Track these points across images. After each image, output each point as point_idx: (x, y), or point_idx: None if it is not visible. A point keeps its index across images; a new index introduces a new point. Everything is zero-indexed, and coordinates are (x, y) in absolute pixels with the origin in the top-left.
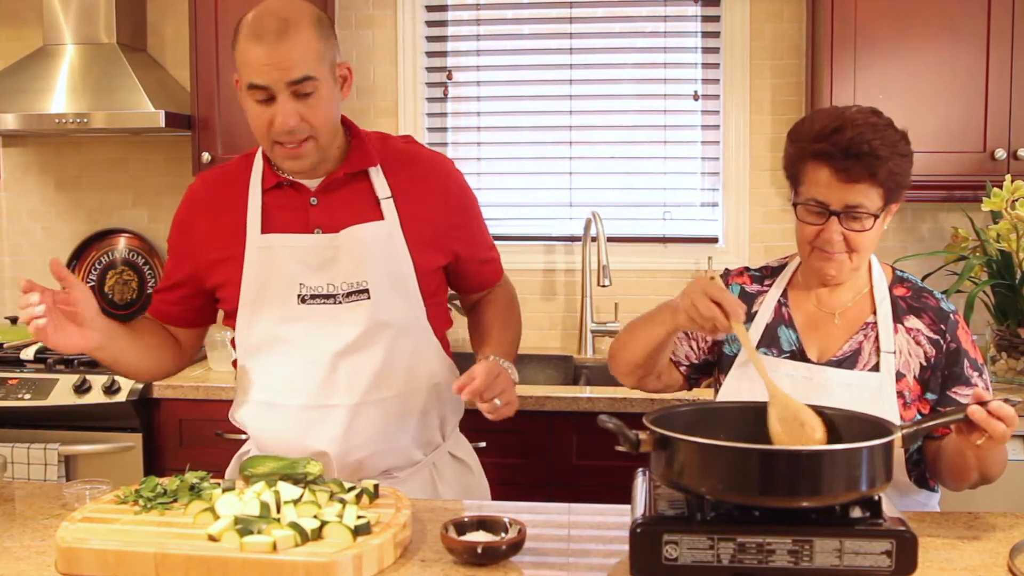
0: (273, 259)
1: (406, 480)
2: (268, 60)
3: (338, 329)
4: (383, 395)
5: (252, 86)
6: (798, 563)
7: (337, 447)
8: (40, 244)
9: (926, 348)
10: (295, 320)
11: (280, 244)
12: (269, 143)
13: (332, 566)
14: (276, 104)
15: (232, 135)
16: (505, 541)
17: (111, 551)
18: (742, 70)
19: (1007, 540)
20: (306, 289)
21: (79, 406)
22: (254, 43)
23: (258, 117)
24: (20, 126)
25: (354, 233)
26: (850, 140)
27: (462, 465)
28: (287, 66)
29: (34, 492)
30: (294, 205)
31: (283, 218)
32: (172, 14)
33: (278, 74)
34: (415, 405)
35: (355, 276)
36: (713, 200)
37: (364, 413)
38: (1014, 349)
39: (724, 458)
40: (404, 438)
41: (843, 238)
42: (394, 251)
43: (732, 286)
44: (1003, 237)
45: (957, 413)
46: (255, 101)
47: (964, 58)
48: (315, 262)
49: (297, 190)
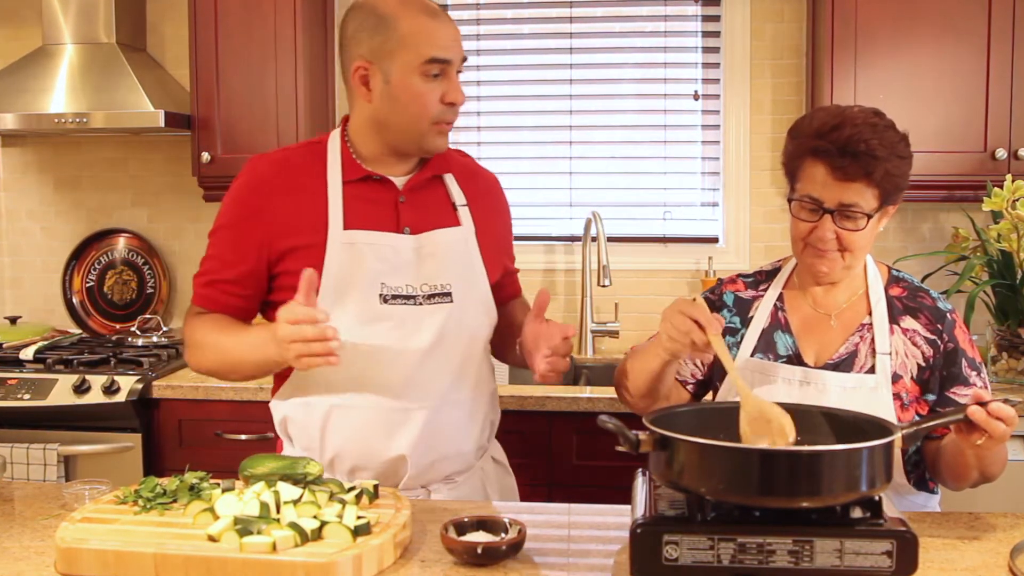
0: (356, 256)
1: (462, 484)
2: (453, 36)
3: (418, 331)
4: (458, 398)
5: (434, 60)
6: (798, 563)
7: (415, 450)
8: (39, 244)
9: (923, 348)
10: (377, 320)
11: (365, 241)
12: (429, 121)
13: (332, 566)
14: (448, 80)
15: (232, 135)
16: (505, 541)
17: (110, 551)
18: (742, 70)
19: (1008, 540)
20: (387, 289)
21: (78, 406)
22: (431, 19)
23: (429, 93)
24: (19, 126)
25: (439, 236)
26: (848, 138)
27: (501, 467)
28: (460, 42)
29: (33, 492)
30: (381, 200)
31: (369, 213)
32: (172, 14)
33: (457, 49)
34: (480, 409)
35: (437, 279)
36: (713, 200)
37: (441, 417)
38: (1015, 349)
39: (724, 458)
40: (469, 442)
41: (836, 236)
42: (471, 257)
43: (726, 294)
44: (1004, 237)
45: (957, 413)
46: (427, 77)
47: (965, 58)
48: (399, 262)
49: (384, 185)
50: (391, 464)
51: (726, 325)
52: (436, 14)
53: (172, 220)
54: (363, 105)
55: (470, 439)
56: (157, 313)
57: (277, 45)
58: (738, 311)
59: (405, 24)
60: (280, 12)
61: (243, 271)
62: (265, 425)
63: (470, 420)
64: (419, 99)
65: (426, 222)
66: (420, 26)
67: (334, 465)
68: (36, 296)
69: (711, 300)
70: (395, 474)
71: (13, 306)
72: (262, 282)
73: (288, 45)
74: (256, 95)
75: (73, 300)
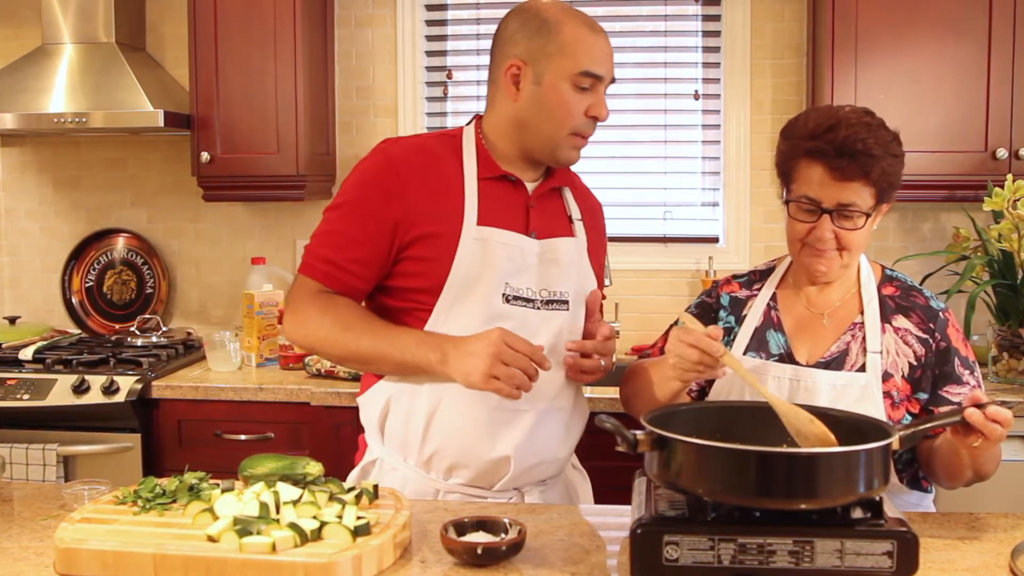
0: (487, 253)
1: (550, 488)
2: (608, 51)
3: (536, 335)
4: (562, 405)
5: (588, 73)
6: (799, 564)
7: (519, 452)
8: (39, 244)
9: (915, 347)
10: (498, 319)
11: (497, 239)
12: (568, 131)
13: (331, 567)
14: (595, 95)
15: (231, 134)
16: (505, 542)
17: (110, 552)
18: (743, 69)
19: (1008, 541)
20: (511, 289)
21: (78, 406)
22: (592, 33)
23: (576, 104)
24: (18, 126)
25: (560, 244)
26: (844, 139)
27: (580, 474)
28: (613, 63)
29: (33, 493)
30: (514, 202)
31: (502, 213)
32: (171, 13)
33: (610, 65)
34: (576, 417)
35: (556, 285)
36: (714, 200)
37: (547, 422)
38: (1015, 349)
39: (721, 459)
40: (565, 449)
41: (834, 236)
42: (584, 270)
43: (722, 296)
44: (1004, 237)
45: (954, 415)
46: (576, 88)
47: (965, 57)
48: (524, 264)
49: (517, 188)
50: (493, 464)
51: (723, 326)
52: (597, 30)
53: (171, 220)
54: (507, 104)
55: (566, 445)
56: (156, 313)
57: (277, 44)
58: (733, 311)
59: (567, 32)
60: (280, 11)
61: (372, 252)
62: (264, 425)
63: (568, 426)
64: (565, 106)
65: (550, 229)
66: (581, 37)
67: (432, 462)
68: (35, 296)
69: (708, 304)
70: (495, 475)
71: (12, 306)
72: (386, 266)
73: (288, 45)
74: (256, 95)
75: (72, 300)
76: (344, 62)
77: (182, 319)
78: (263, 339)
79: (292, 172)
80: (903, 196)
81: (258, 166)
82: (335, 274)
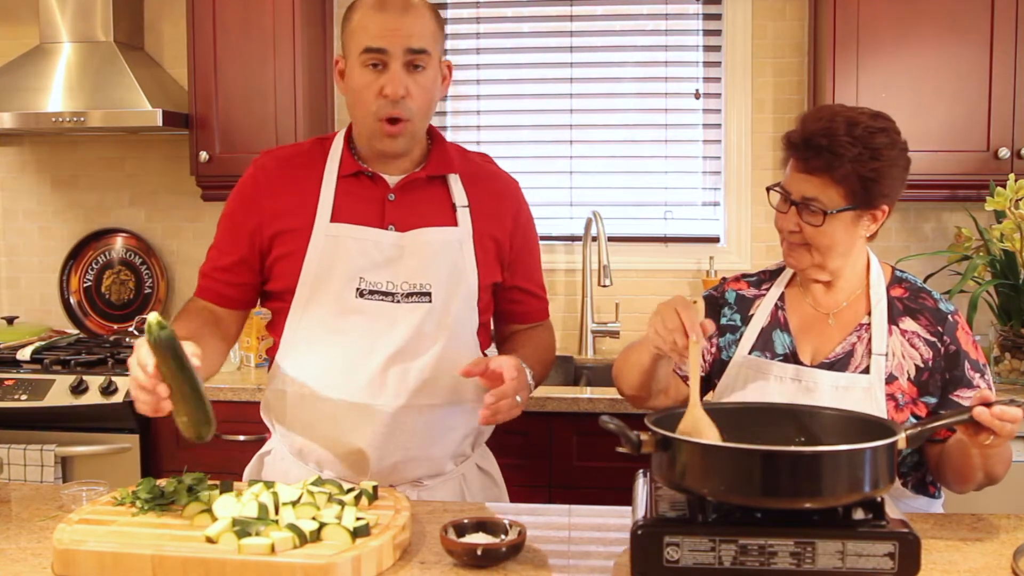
0: (338, 249)
1: (434, 489)
2: (391, 26)
3: (393, 328)
4: (428, 402)
5: (368, 50)
6: (800, 565)
7: (377, 449)
8: (37, 244)
9: (922, 350)
10: (351, 313)
11: (348, 235)
12: (372, 118)
13: (330, 568)
14: (388, 72)
15: (230, 134)
16: (505, 543)
17: (108, 553)
18: (744, 68)
19: (1011, 542)
20: (365, 283)
21: (76, 407)
22: (376, 12)
23: (367, 87)
24: (16, 125)
25: (425, 235)
26: (813, 132)
27: (487, 477)
28: (408, 33)
29: (30, 494)
30: (370, 197)
31: (356, 209)
32: (169, 12)
33: (399, 40)
34: (456, 417)
35: (418, 278)
36: (715, 199)
37: (407, 417)
38: (1017, 349)
39: (726, 459)
40: (440, 448)
41: (800, 230)
42: (462, 260)
43: (728, 292)
44: (1007, 237)
45: (962, 414)
46: (366, 68)
47: (967, 57)
48: (380, 258)
49: (375, 183)
50: (352, 457)
51: (727, 323)
52: (384, 8)
53: (170, 219)
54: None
55: (443, 444)
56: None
57: (276, 43)
58: (739, 308)
59: (356, 16)
60: (279, 10)
61: (236, 259)
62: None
63: (443, 426)
64: (359, 93)
65: (414, 220)
66: (365, 16)
67: (303, 454)
68: (33, 296)
69: (714, 297)
70: (358, 471)
71: (10, 306)
72: (254, 270)
73: (287, 43)
74: (254, 94)
75: (70, 300)
76: None
77: None
78: (261, 339)
79: None
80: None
81: None
82: (205, 284)
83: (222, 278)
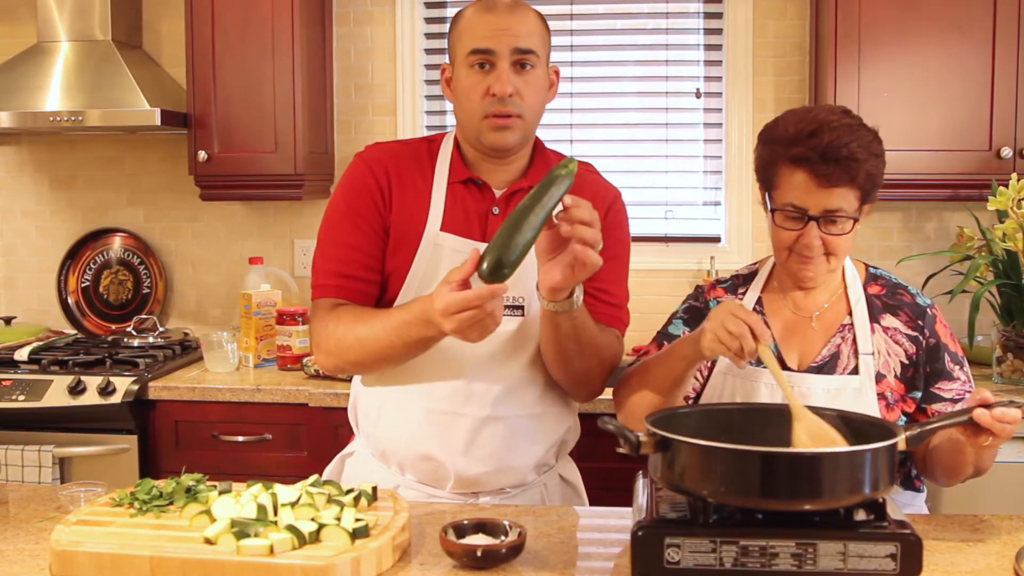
0: (441, 259)
1: (516, 498)
2: (498, 26)
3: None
4: (515, 413)
5: (475, 51)
6: (801, 566)
7: (457, 458)
8: (35, 244)
9: (905, 346)
10: None
11: (451, 246)
12: (479, 116)
13: (330, 569)
14: (495, 72)
15: (229, 133)
16: (505, 544)
17: (106, 554)
18: (745, 68)
19: (1013, 543)
20: None
21: (74, 407)
22: (483, 13)
23: (474, 87)
24: (14, 124)
25: None
26: (828, 144)
27: (569, 488)
28: (515, 33)
29: (28, 495)
30: (476, 209)
31: (462, 219)
32: (168, 11)
33: (506, 39)
34: (544, 427)
35: (514, 291)
36: (716, 199)
37: (491, 428)
38: (1020, 349)
39: (725, 460)
40: (524, 459)
41: (822, 242)
42: None
43: (711, 301)
44: (1009, 236)
45: (961, 415)
46: (473, 68)
47: (969, 56)
48: None
49: (483, 192)
50: (432, 467)
51: None
52: (492, 9)
53: (168, 219)
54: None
55: (527, 455)
56: (153, 313)
57: (275, 43)
58: None
59: (463, 20)
60: (278, 9)
61: (374, 255)
62: (262, 426)
63: (528, 436)
64: (467, 94)
65: None
66: (472, 19)
67: (386, 456)
68: (31, 296)
69: (698, 309)
70: (439, 478)
71: (8, 306)
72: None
73: (286, 43)
74: (253, 93)
75: (68, 300)
76: (343, 60)
77: (179, 319)
78: (261, 339)
79: (290, 171)
80: (907, 195)
81: (256, 165)
82: (348, 285)
83: (366, 276)
